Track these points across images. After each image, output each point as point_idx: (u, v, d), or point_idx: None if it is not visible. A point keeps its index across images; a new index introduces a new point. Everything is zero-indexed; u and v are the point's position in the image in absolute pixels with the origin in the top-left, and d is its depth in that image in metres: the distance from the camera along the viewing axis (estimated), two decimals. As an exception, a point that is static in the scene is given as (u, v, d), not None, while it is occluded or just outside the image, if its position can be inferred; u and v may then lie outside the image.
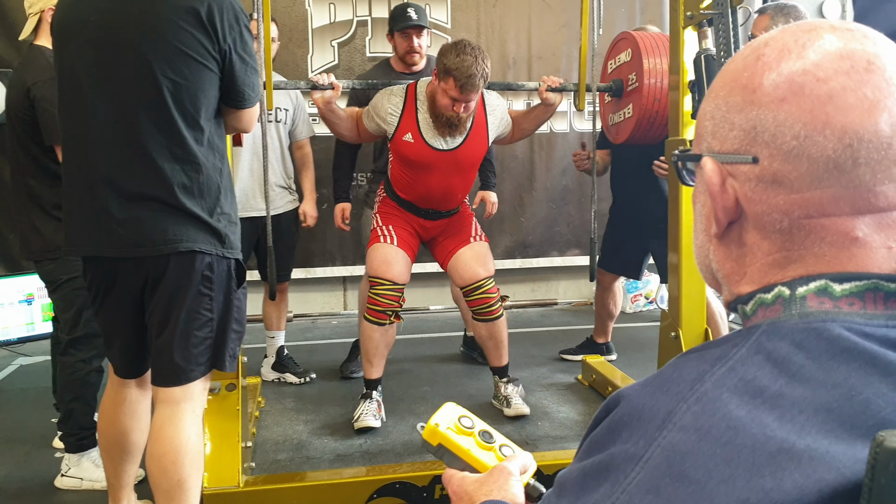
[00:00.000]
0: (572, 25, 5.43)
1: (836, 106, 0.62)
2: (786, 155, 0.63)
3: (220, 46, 1.95)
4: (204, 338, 2.01)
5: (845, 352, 0.58)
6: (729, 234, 0.70)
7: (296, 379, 3.84)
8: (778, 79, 0.64)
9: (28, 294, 4.59)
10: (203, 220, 1.97)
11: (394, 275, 3.13)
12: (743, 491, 0.53)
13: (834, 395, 0.56)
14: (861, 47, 0.63)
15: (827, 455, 0.54)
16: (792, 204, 0.64)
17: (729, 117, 0.67)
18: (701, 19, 2.58)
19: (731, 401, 0.58)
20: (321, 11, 5.17)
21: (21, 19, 4.69)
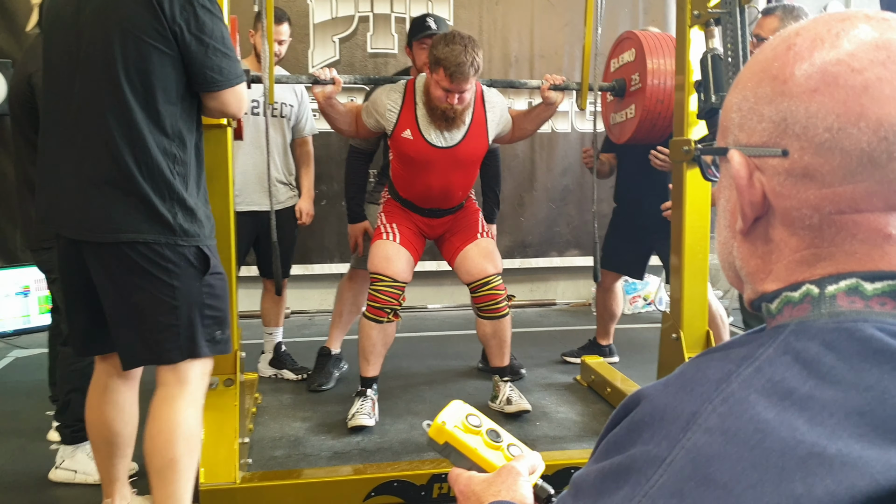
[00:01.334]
0: (575, 24, 5.41)
1: (871, 97, 0.59)
2: (817, 148, 0.61)
3: (168, 26, 1.92)
4: (168, 324, 1.99)
5: (878, 353, 0.56)
6: (755, 231, 0.67)
7: (293, 375, 3.81)
8: (810, 69, 0.61)
9: (24, 286, 4.56)
10: (154, 206, 1.94)
11: (394, 271, 3.10)
12: (772, 496, 0.51)
13: (866, 397, 0.54)
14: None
15: (860, 460, 0.51)
16: (823, 199, 0.61)
17: (758, 109, 0.65)
18: (708, 18, 2.56)
19: (758, 402, 0.55)
20: (323, 6, 5.15)
21: (21, 11, 4.70)
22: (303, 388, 3.70)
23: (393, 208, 3.28)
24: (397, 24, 5.19)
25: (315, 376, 3.69)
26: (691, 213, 2.73)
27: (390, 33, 5.24)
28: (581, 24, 3.35)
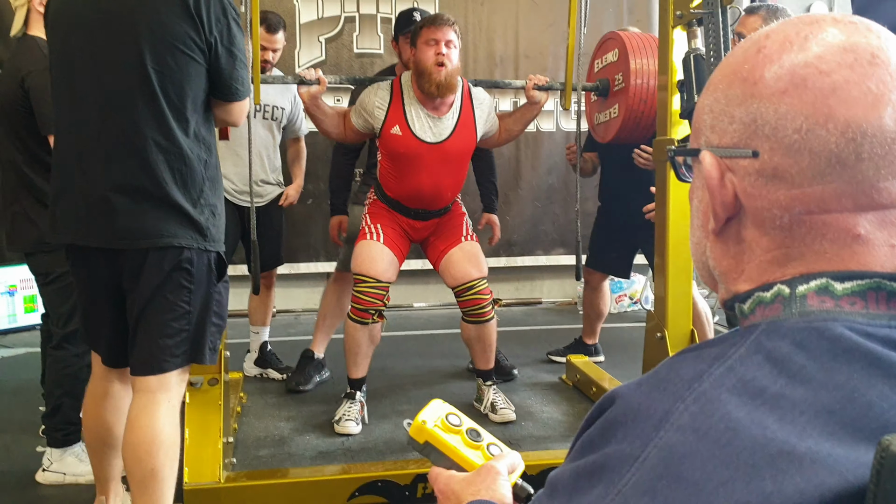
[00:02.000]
0: (559, 25, 5.42)
1: (839, 99, 0.60)
2: (787, 149, 0.62)
3: (206, 38, 1.95)
4: (180, 329, 2.01)
5: (847, 352, 0.57)
6: (727, 231, 0.69)
7: (278, 375, 3.81)
8: (780, 71, 0.63)
9: (10, 285, 4.55)
10: (186, 211, 1.97)
11: (378, 272, 3.10)
12: (742, 494, 0.52)
13: (836, 396, 0.55)
14: (865, 40, 0.62)
15: (829, 458, 0.52)
16: (793, 199, 0.63)
17: (728, 110, 0.66)
18: (690, 19, 2.58)
19: (730, 401, 0.56)
20: (309, 7, 5.15)
21: (7, 13, 4.66)
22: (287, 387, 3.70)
23: (378, 209, 3.27)
24: (383, 24, 5.19)
25: (294, 376, 3.68)
26: (675, 212, 2.75)
27: (376, 33, 5.24)
28: (565, 24, 3.37)
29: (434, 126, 3.10)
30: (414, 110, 3.09)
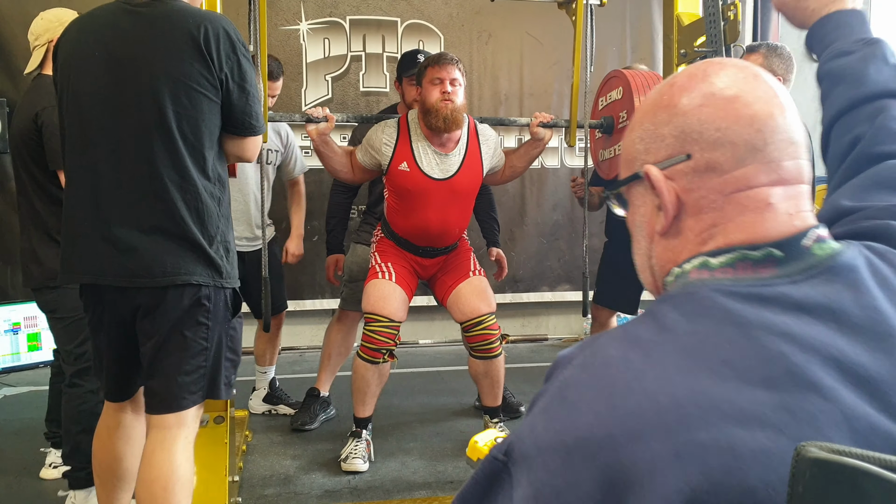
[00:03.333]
0: (564, 63, 5.48)
1: (741, 103, 0.79)
2: (713, 145, 0.79)
3: (217, 75, 1.97)
4: (198, 366, 2.02)
5: (709, 308, 0.74)
6: (672, 229, 0.84)
7: (289, 410, 3.80)
8: (693, 94, 0.81)
9: (14, 323, 4.53)
10: (203, 249, 1.99)
11: (390, 311, 3.08)
12: (601, 408, 0.68)
13: (692, 340, 0.71)
14: (750, 68, 0.82)
15: (672, 382, 0.68)
16: (725, 183, 0.79)
17: (658, 133, 0.83)
18: (695, 57, 2.61)
19: (613, 346, 0.74)
20: (315, 46, 5.21)
21: (18, 49, 4.74)
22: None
23: (386, 247, 3.27)
24: (389, 62, 5.25)
25: (299, 415, 3.66)
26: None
27: (382, 72, 5.30)
28: (569, 63, 3.39)
29: (441, 163, 3.11)
30: (421, 147, 3.11)
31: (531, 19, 5.39)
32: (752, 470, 0.62)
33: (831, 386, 0.67)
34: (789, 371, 0.68)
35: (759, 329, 0.71)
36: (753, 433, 0.64)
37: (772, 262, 0.77)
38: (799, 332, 0.70)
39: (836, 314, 0.72)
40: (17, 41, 4.73)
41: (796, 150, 0.79)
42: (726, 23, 2.41)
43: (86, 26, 2.03)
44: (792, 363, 0.68)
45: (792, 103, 0.81)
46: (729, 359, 0.69)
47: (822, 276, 0.76)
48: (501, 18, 5.36)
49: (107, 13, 2.02)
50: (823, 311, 0.73)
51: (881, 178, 1.00)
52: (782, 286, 0.75)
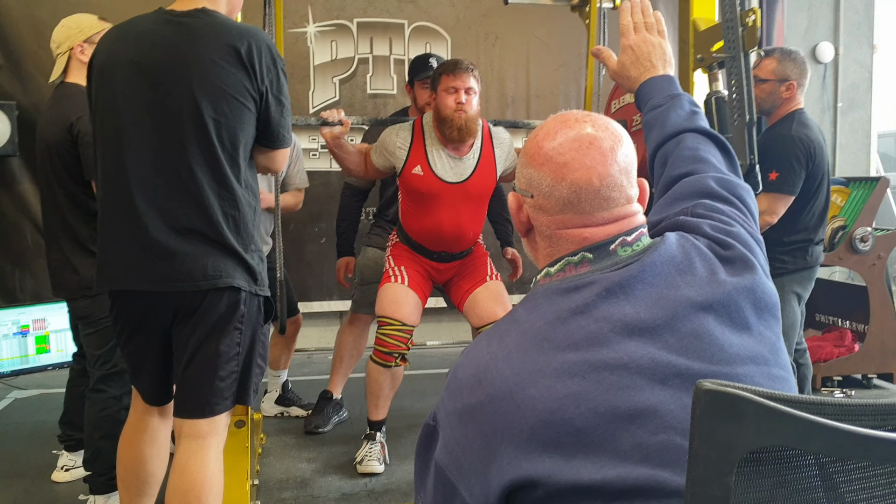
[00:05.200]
0: (570, 65, 5.50)
1: (568, 169, 1.08)
2: (544, 195, 1.10)
3: (258, 86, 2.00)
4: (231, 371, 2.04)
5: (539, 303, 1.06)
6: (530, 236, 1.17)
7: (302, 412, 3.82)
8: (541, 152, 1.10)
9: (23, 326, 4.53)
10: (240, 255, 2.01)
11: (403, 315, 3.09)
12: (472, 381, 1.02)
13: (527, 326, 1.03)
14: (589, 132, 1.09)
15: (511, 359, 1.00)
16: (550, 222, 1.11)
17: (522, 170, 1.14)
18: (711, 62, 2.61)
19: (483, 336, 1.09)
20: (323, 48, 5.22)
21: (27, 53, 4.74)
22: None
23: (401, 251, 3.27)
24: (396, 65, 5.26)
25: (312, 418, 3.67)
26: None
27: (389, 74, 5.31)
28: (575, 65, 3.41)
29: (455, 166, 3.12)
30: (435, 151, 3.11)
31: (538, 21, 5.40)
32: (568, 407, 0.94)
33: (618, 340, 0.98)
34: (587, 336, 0.99)
35: (567, 311, 1.02)
36: (565, 382, 0.95)
37: (586, 262, 1.08)
38: (596, 308, 1.01)
39: (626, 290, 1.02)
40: (25, 45, 4.73)
41: (608, 203, 1.08)
42: (744, 29, 2.41)
43: (125, 34, 2.06)
44: (589, 331, 0.99)
45: (620, 162, 1.09)
46: (548, 336, 1.00)
47: (624, 268, 1.05)
48: (508, 21, 5.37)
49: (148, 21, 2.04)
50: (618, 290, 1.03)
51: (677, 194, 1.30)
52: (591, 276, 1.05)
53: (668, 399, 0.95)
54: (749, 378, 1.00)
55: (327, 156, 5.15)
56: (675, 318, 1.01)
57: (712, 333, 1.01)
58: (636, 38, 1.55)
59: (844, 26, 6.14)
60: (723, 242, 1.13)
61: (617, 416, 0.93)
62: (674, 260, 1.07)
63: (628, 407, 0.94)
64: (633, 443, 0.92)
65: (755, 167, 2.43)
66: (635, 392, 0.95)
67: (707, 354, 1.00)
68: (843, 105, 6.20)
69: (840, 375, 4.37)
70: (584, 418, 0.93)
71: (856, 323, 4.58)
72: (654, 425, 0.93)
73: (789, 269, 3.16)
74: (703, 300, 1.04)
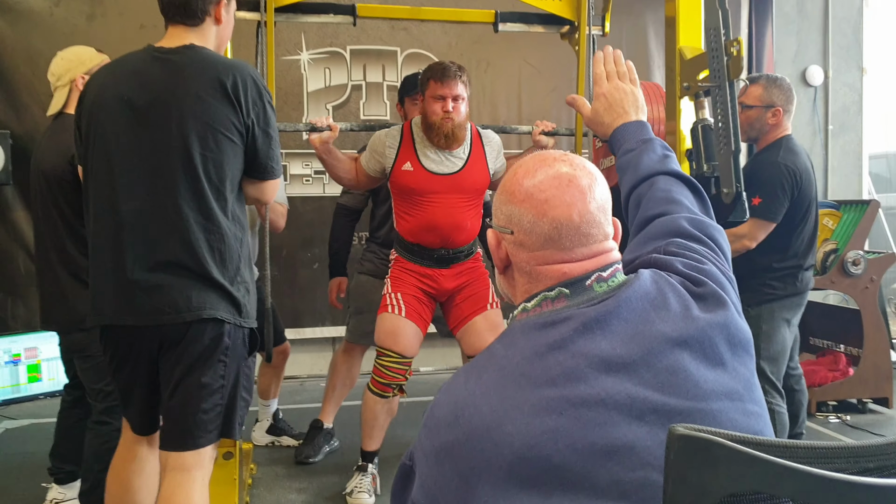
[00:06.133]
0: (561, 90, 5.53)
1: (549, 206, 1.11)
2: (525, 231, 1.13)
3: (244, 120, 2.03)
4: (215, 404, 2.04)
5: (516, 339, 1.08)
6: (508, 272, 1.19)
7: (293, 441, 3.79)
8: (522, 189, 1.13)
9: (14, 355, 4.52)
10: (225, 288, 2.02)
11: (401, 347, 3.04)
12: (449, 418, 1.03)
13: (505, 362, 1.05)
14: (567, 171, 1.13)
15: (488, 396, 1.02)
16: (531, 257, 1.13)
17: (500, 207, 1.17)
18: (697, 90, 2.64)
19: (461, 373, 1.10)
20: (316, 75, 5.25)
21: (21, 82, 4.76)
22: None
23: (400, 272, 3.17)
24: (389, 91, 5.29)
25: (303, 448, 3.65)
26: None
27: (382, 100, 5.34)
28: (567, 89, 3.43)
29: (445, 160, 3.09)
30: (425, 149, 3.09)
31: (529, 48, 5.44)
32: (546, 444, 0.95)
33: (595, 376, 1.00)
34: (564, 372, 1.00)
35: (545, 347, 1.03)
36: (542, 419, 0.97)
37: (563, 297, 1.11)
38: (573, 343, 1.03)
39: (602, 325, 1.04)
40: (20, 73, 4.76)
41: (587, 239, 1.12)
42: (729, 58, 2.44)
43: (116, 71, 2.10)
44: (566, 367, 1.00)
45: (597, 199, 1.13)
46: (526, 372, 1.02)
47: (600, 303, 1.07)
48: (499, 47, 5.40)
49: (137, 60, 2.08)
50: (594, 325, 1.04)
51: (650, 234, 1.33)
52: (568, 311, 1.07)
53: (644, 435, 0.97)
54: (724, 414, 1.01)
55: (320, 181, 5.18)
56: (651, 353, 1.03)
57: (687, 369, 1.03)
58: (609, 86, 1.60)
59: (833, 49, 6.19)
60: (695, 279, 1.15)
61: (594, 452, 0.95)
62: (648, 295, 1.09)
63: (605, 443, 0.95)
64: (610, 479, 0.94)
65: (741, 195, 2.44)
66: (612, 428, 0.96)
67: (682, 390, 1.01)
68: (833, 128, 6.24)
69: (835, 400, 4.36)
70: (562, 455, 0.94)
71: (850, 346, 4.57)
72: (631, 462, 0.95)
73: (779, 296, 3.16)
74: (678, 336, 1.05)
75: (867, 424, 4.17)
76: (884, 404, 4.42)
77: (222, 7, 2.14)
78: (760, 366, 3.12)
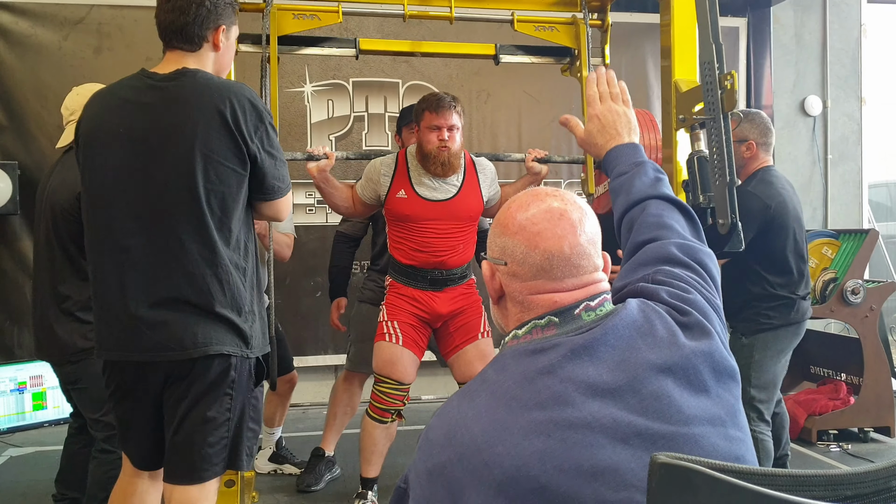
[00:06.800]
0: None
1: (541, 238, 1.17)
2: (518, 262, 1.18)
3: (248, 149, 2.00)
4: (221, 437, 2.02)
5: (507, 364, 1.13)
6: (502, 302, 1.24)
7: (295, 469, 3.80)
8: (515, 222, 1.19)
9: (20, 383, 4.55)
10: (231, 320, 2.00)
11: (399, 375, 3.10)
12: (442, 440, 1.08)
13: (496, 387, 1.10)
14: (559, 205, 1.19)
15: (480, 418, 1.06)
16: (524, 287, 1.19)
17: (495, 240, 1.22)
18: (693, 122, 2.68)
19: (455, 397, 1.15)
20: (319, 107, 5.32)
21: (30, 114, 4.85)
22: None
23: (395, 299, 3.21)
24: (391, 122, 5.35)
25: (305, 476, 3.66)
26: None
27: (384, 131, 5.41)
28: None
29: (439, 187, 3.15)
30: (419, 177, 3.15)
31: (528, 79, 5.51)
32: (534, 464, 0.99)
33: (582, 400, 1.04)
34: (552, 396, 1.05)
35: (534, 372, 1.08)
36: (531, 440, 1.01)
37: (553, 326, 1.16)
38: (562, 368, 1.08)
39: (590, 352, 1.09)
40: (29, 106, 4.85)
41: (578, 270, 1.17)
42: (723, 91, 2.48)
43: (108, 101, 2.06)
44: (554, 391, 1.05)
45: (587, 233, 1.19)
46: (516, 395, 1.07)
47: (588, 331, 1.12)
48: (499, 78, 5.47)
49: (128, 88, 2.04)
50: (582, 352, 1.09)
51: (640, 261, 1.36)
52: (557, 339, 1.12)
53: (628, 458, 1.01)
54: (706, 438, 1.06)
55: (323, 210, 5.23)
56: (637, 379, 1.08)
57: (671, 395, 1.07)
58: (602, 107, 1.61)
59: (832, 80, 6.25)
60: (680, 309, 1.19)
61: (580, 473, 0.99)
62: (635, 324, 1.14)
63: (591, 465, 1.00)
64: (595, 499, 0.98)
65: (737, 225, 2.48)
66: (597, 450, 1.01)
67: (666, 415, 1.06)
68: (833, 157, 6.28)
69: (836, 429, 4.36)
70: (549, 475, 0.99)
71: (850, 375, 4.58)
72: (615, 483, 0.99)
73: (775, 325, 3.19)
74: (663, 363, 1.10)
75: (868, 454, 4.16)
76: (885, 433, 4.41)
77: (220, 33, 2.11)
78: (749, 394, 3.15)
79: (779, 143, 5.80)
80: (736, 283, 3.25)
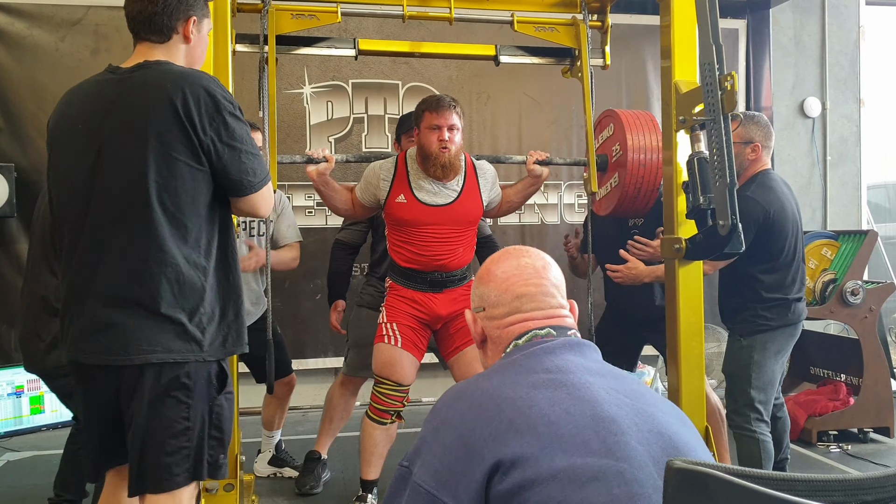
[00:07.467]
0: (561, 122, 5.59)
1: (510, 283, 1.43)
2: (492, 304, 1.44)
3: (200, 140, 1.91)
4: (179, 447, 1.92)
5: (512, 352, 1.38)
6: (484, 347, 1.46)
7: (294, 473, 3.78)
8: (490, 275, 1.46)
9: (17, 386, 4.53)
10: (182, 325, 1.91)
11: (398, 377, 3.09)
12: (464, 413, 1.22)
13: (503, 361, 1.37)
14: (527, 260, 1.46)
15: (488, 393, 1.23)
16: (499, 325, 1.42)
17: (475, 291, 1.49)
18: (693, 124, 2.67)
19: (462, 382, 1.33)
20: (319, 108, 5.31)
21: (26, 115, 4.83)
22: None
23: (395, 301, 3.20)
24: (391, 124, 5.34)
25: (305, 479, 3.64)
26: (685, 309, 2.79)
27: (384, 133, 5.40)
28: (566, 122, 3.46)
29: (439, 191, 3.14)
30: (419, 181, 3.14)
31: (528, 80, 5.50)
32: (543, 406, 1.18)
33: (581, 372, 1.26)
34: (556, 366, 1.27)
35: (539, 351, 1.32)
36: (539, 391, 1.20)
37: (551, 335, 1.37)
38: (562, 353, 1.32)
39: (582, 350, 1.35)
40: (25, 107, 4.83)
41: (544, 304, 1.41)
42: (723, 93, 2.48)
43: (73, 98, 2.01)
44: (557, 363, 1.28)
45: (551, 278, 1.45)
46: (522, 363, 1.30)
47: (578, 339, 1.39)
48: (500, 80, 5.47)
49: (93, 83, 2.00)
50: (576, 346, 1.35)
51: None
52: (557, 341, 1.35)
53: (623, 414, 1.21)
54: (667, 416, 1.30)
55: (322, 212, 5.21)
56: (618, 380, 1.32)
57: (645, 395, 1.31)
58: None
59: (831, 82, 6.26)
60: None
61: (585, 417, 1.18)
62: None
63: (593, 413, 1.19)
64: (598, 440, 1.15)
65: (737, 227, 2.47)
66: (597, 405, 1.21)
67: (650, 402, 1.29)
68: (832, 158, 6.28)
69: (836, 430, 4.36)
70: (557, 415, 1.17)
71: (850, 376, 4.58)
72: (615, 429, 1.18)
73: (772, 326, 3.19)
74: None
75: (868, 454, 4.16)
76: (885, 434, 4.41)
77: (191, 24, 2.04)
78: (749, 395, 3.15)
79: (778, 144, 5.80)
80: (733, 285, 3.26)
